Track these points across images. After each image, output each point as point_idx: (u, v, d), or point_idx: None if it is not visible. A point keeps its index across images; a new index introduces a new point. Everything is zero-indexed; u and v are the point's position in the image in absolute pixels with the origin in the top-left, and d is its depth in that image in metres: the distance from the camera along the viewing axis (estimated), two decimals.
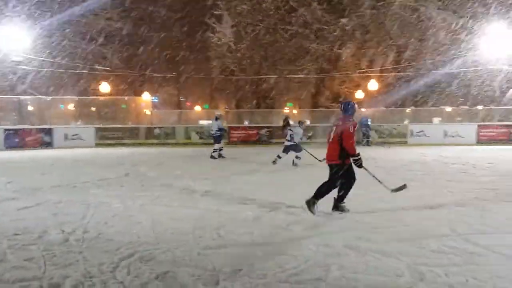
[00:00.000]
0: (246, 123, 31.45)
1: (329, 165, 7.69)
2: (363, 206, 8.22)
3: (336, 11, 32.18)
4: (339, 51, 31.93)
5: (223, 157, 18.17)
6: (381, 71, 31.70)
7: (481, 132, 27.28)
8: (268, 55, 32.77)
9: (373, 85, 32.04)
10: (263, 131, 27.94)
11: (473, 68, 29.77)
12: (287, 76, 32.05)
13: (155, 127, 29.10)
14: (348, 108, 7.63)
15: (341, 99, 30.67)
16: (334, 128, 7.58)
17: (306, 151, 15.57)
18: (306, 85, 32.98)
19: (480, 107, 31.17)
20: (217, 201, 9.03)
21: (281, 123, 21.56)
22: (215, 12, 32.17)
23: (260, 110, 32.60)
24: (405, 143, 27.24)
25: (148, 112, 34.26)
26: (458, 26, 30.10)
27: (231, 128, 28.15)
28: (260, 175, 13.46)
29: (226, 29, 31.47)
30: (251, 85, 33.82)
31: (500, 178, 12.26)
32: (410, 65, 31.32)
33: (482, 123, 27.80)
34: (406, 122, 29.73)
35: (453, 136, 27.02)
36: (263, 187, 11.01)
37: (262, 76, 32.87)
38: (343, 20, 31.12)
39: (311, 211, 7.49)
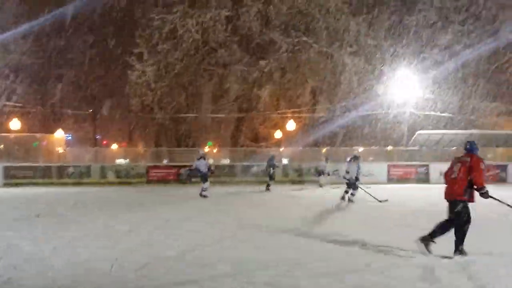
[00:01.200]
0: (165, 162, 31.03)
1: (452, 202, 7.63)
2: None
3: (255, 53, 33.10)
4: (258, 91, 32.72)
5: (205, 196, 17.56)
6: (299, 111, 32.77)
7: (391, 171, 28.72)
8: (188, 94, 32.88)
9: (291, 125, 32.99)
10: (182, 170, 27.66)
11: (383, 111, 31.61)
12: (207, 115, 32.27)
13: (68, 166, 27.91)
14: (474, 147, 7.73)
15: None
16: (459, 164, 7.59)
17: (364, 190, 15.78)
18: (226, 124, 33.33)
19: (390, 147, 32.90)
20: (138, 241, 8.76)
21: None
22: (135, 50, 31.97)
23: (180, 149, 32.35)
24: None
25: (61, 150, 32.87)
26: (369, 71, 32.06)
27: (149, 167, 27.65)
28: (184, 211, 13.25)
29: (146, 67, 31.27)
30: (171, 124, 33.62)
31: (412, 214, 12.94)
32: (325, 107, 32.67)
33: (392, 163, 29.26)
34: (322, 160, 30.61)
35: (366, 175, 28.16)
36: (186, 223, 10.84)
37: (182, 115, 32.83)
38: (262, 62, 32.04)
39: (428, 250, 7.38)
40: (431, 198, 17.89)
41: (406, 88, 30.44)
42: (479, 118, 33.10)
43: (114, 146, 46.25)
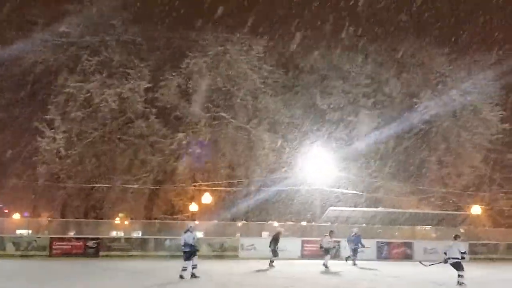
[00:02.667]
0: (71, 234, 29.34)
1: None
2: None
3: (173, 126, 33.10)
4: (174, 163, 32.41)
5: (196, 276, 15.91)
6: (215, 185, 32.69)
7: (304, 246, 29.01)
8: (101, 164, 31.85)
9: (207, 198, 32.71)
10: (90, 243, 26.20)
11: (297, 187, 32.38)
12: (121, 185, 31.27)
13: None
14: None
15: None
16: None
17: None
18: (140, 196, 32.39)
19: (303, 223, 33.42)
20: None
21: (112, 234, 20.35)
22: (45, 116, 30.75)
23: (88, 220, 30.81)
24: (236, 256, 27.66)
25: None
26: (285, 148, 33.05)
27: (53, 239, 25.99)
28: None
29: (57, 134, 30.05)
30: (80, 194, 32.13)
31: None
32: (241, 181, 32.90)
33: (305, 238, 29.62)
34: (237, 235, 30.45)
35: (281, 250, 28.17)
36: None
37: (92, 185, 31.56)
38: (180, 135, 32.01)
39: None
40: (345, 275, 18.19)
41: (319, 165, 31.52)
42: (386, 196, 34.70)
43: (16, 216, 43.23)
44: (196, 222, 29.15)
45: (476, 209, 35.45)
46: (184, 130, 32.49)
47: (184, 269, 15.88)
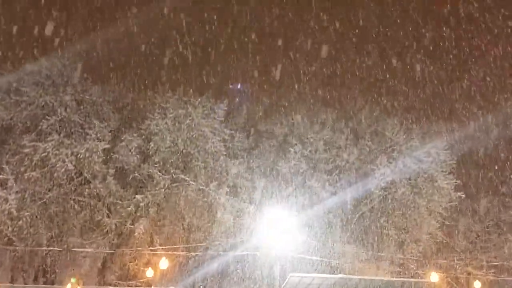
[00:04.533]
0: None
1: None
2: None
3: (131, 187, 32.39)
4: (131, 226, 31.41)
5: None
6: (172, 249, 31.75)
7: None
8: (54, 226, 30.51)
9: (164, 263, 31.54)
10: None
11: (257, 252, 31.83)
12: (73, 249, 29.90)
13: None
14: None
15: None
16: None
17: None
18: (93, 260, 30.98)
19: None
20: None
21: None
22: None
23: (38, 285, 29.04)
24: None
25: None
26: (245, 211, 32.72)
27: None
28: None
29: (9, 194, 28.78)
30: (31, 257, 30.41)
31: None
32: (200, 245, 32.12)
33: None
34: None
35: None
36: None
37: (43, 248, 30.02)
38: (138, 197, 31.28)
39: None
40: None
41: (280, 229, 31.24)
42: (345, 263, 34.51)
43: None
44: None
45: (434, 277, 35.62)
46: (142, 192, 31.79)
47: None
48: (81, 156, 30.87)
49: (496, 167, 39.92)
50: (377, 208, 37.00)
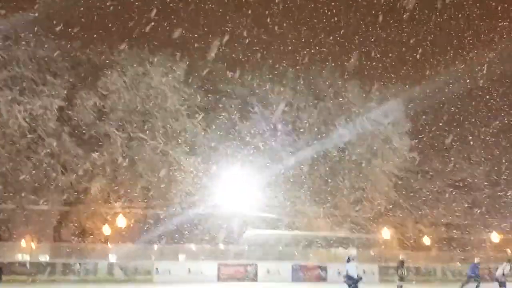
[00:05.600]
0: None
1: None
2: None
3: (87, 145, 31.86)
4: (87, 184, 31.09)
5: None
6: (130, 207, 31.69)
7: (221, 270, 28.66)
8: (8, 183, 29.86)
9: (121, 221, 31.55)
10: None
11: (216, 210, 32.12)
12: (27, 206, 29.45)
13: None
14: None
15: None
16: None
17: None
18: (48, 217, 30.62)
19: (220, 246, 33.11)
20: None
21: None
22: None
23: None
24: (150, 280, 26.73)
25: None
26: (204, 170, 32.78)
27: None
28: None
29: None
30: None
31: None
32: (159, 204, 32.13)
33: (222, 262, 29.32)
34: (152, 259, 29.55)
35: (196, 274, 27.69)
36: None
37: None
38: (94, 155, 30.88)
39: None
40: None
41: (238, 188, 31.59)
42: (302, 220, 35.31)
43: None
44: (110, 245, 27.93)
45: (386, 233, 36.93)
46: (98, 150, 31.37)
47: None
48: (35, 113, 30.12)
49: (449, 129, 41.07)
50: (334, 168, 37.76)
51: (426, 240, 39.40)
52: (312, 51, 40.69)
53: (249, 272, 28.70)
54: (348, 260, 14.40)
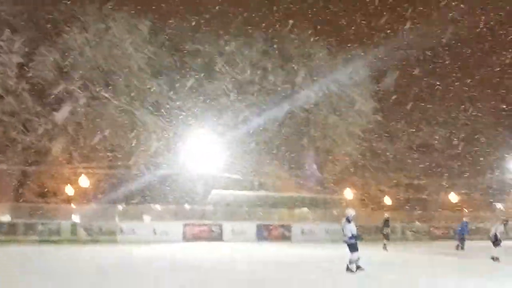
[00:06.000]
0: None
1: None
2: None
3: (49, 103, 31.02)
4: (49, 144, 30.43)
5: (361, 268, 13.79)
6: (93, 167, 31.28)
7: (186, 230, 28.83)
8: None
9: (84, 181, 31.17)
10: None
11: (180, 170, 32.04)
12: None
13: None
14: None
15: None
16: None
17: None
18: (8, 177, 29.97)
19: (186, 206, 33.21)
20: None
21: None
22: None
23: None
24: (114, 241, 26.69)
25: None
26: (169, 130, 32.48)
27: None
28: None
29: None
30: None
31: (205, 273, 12.99)
32: (123, 165, 31.84)
33: (187, 222, 29.45)
34: (116, 219, 29.40)
35: (162, 235, 27.78)
36: None
37: None
38: (56, 113, 30.13)
39: None
40: (225, 257, 18.35)
41: (204, 149, 31.49)
42: (267, 180, 35.69)
43: None
44: (72, 205, 27.67)
45: (349, 193, 37.76)
46: (60, 109, 30.59)
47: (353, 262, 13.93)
48: None
49: (413, 93, 41.69)
50: (300, 129, 38.03)
51: (388, 200, 40.50)
52: (279, 12, 39.92)
53: (214, 232, 28.97)
54: (349, 221, 13.96)
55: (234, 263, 16.62)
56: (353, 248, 13.60)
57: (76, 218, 28.03)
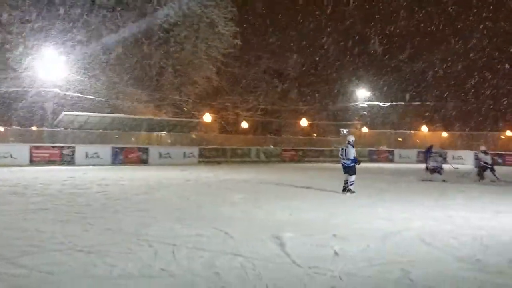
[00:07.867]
0: None
1: None
2: None
3: None
4: None
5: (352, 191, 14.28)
6: None
7: (33, 153, 26.90)
8: None
9: None
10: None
11: (25, 89, 29.35)
12: None
13: None
14: None
15: None
16: None
17: None
18: None
19: (33, 128, 30.88)
20: None
21: None
22: None
23: None
24: None
25: None
26: (10, 43, 29.19)
27: None
28: None
29: None
30: None
31: (51, 197, 12.26)
32: None
33: (34, 144, 27.46)
34: None
35: (5, 157, 25.62)
36: None
37: None
38: None
39: None
40: (75, 181, 17.46)
41: (51, 66, 28.95)
42: (123, 103, 34.36)
43: None
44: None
45: (207, 117, 38.04)
46: None
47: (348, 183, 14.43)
48: None
49: (278, 17, 42.19)
50: (158, 50, 36.71)
51: (244, 124, 41.72)
52: None
53: (66, 155, 27.42)
54: (352, 146, 14.54)
55: (84, 185, 15.89)
56: (353, 171, 14.37)
57: None
